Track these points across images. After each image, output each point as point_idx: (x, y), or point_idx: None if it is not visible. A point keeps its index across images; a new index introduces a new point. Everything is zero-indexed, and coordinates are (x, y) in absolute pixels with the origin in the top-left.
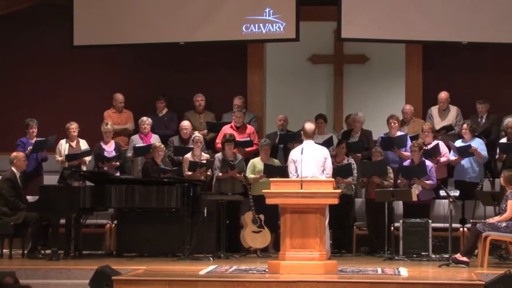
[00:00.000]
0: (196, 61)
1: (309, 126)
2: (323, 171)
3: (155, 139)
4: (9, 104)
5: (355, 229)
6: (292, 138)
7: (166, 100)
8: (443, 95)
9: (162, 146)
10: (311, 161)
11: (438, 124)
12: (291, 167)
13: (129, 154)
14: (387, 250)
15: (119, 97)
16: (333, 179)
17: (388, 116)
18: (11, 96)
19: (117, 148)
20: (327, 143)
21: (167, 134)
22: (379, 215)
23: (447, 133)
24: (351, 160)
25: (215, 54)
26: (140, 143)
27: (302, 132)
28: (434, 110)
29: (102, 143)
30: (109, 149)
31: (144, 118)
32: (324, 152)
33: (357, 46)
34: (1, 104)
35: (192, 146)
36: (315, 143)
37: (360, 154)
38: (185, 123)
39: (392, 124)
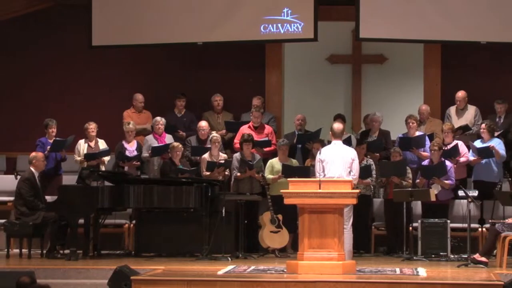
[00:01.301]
0: (214, 61)
1: (338, 126)
2: (349, 172)
3: (169, 139)
4: (28, 104)
5: (373, 229)
6: (310, 138)
7: (185, 100)
8: (460, 94)
9: (180, 146)
10: (338, 162)
11: (456, 123)
12: (318, 167)
13: (145, 154)
14: (405, 250)
15: (139, 97)
16: (351, 179)
17: (407, 116)
18: (30, 97)
19: (139, 148)
20: (345, 143)
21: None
22: (397, 215)
23: (464, 133)
24: (370, 161)
25: (233, 54)
26: (154, 143)
27: (330, 132)
28: (452, 109)
29: (124, 142)
30: (131, 148)
31: (158, 118)
32: (352, 153)
33: (375, 46)
34: (20, 104)
35: (209, 146)
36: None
37: (378, 154)
38: (203, 124)
39: (411, 124)
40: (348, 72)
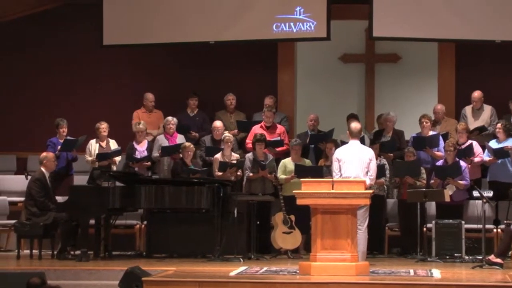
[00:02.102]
0: (226, 61)
1: (355, 125)
2: (367, 172)
3: (180, 139)
4: (39, 104)
5: (387, 230)
6: (323, 138)
7: (198, 99)
8: (476, 94)
9: (192, 146)
10: (355, 162)
11: (472, 124)
12: (335, 166)
13: (156, 154)
14: (419, 251)
15: (150, 96)
16: (364, 180)
17: (420, 115)
18: (41, 96)
19: (149, 148)
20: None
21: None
22: (411, 216)
23: (481, 134)
24: (384, 160)
25: (246, 53)
26: (165, 143)
27: (348, 131)
28: (468, 109)
29: (134, 143)
30: (141, 149)
31: (169, 118)
32: (369, 153)
33: (388, 45)
34: (31, 103)
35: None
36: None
37: (392, 154)
38: (218, 124)
39: (424, 123)
40: (361, 71)
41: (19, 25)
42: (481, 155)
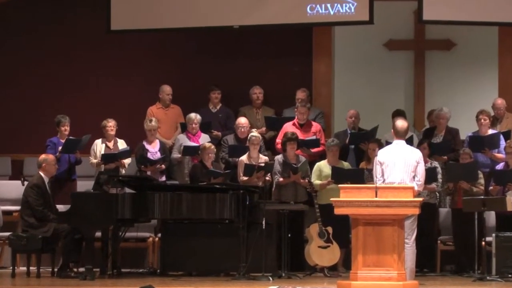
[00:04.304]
0: (253, 48)
1: (401, 123)
2: (413, 177)
3: (204, 139)
4: (37, 98)
5: (439, 244)
6: (365, 138)
7: (220, 92)
8: None
9: (213, 147)
10: (400, 165)
11: None
12: (377, 170)
13: (176, 155)
14: (477, 269)
15: (167, 88)
16: (414, 186)
17: (478, 111)
18: (40, 90)
19: (162, 149)
20: (407, 144)
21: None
22: (467, 228)
23: None
24: (435, 163)
25: (275, 40)
26: (187, 144)
27: (392, 130)
28: None
29: (145, 143)
30: (153, 149)
31: (192, 115)
32: (417, 155)
33: (441, 30)
34: (28, 98)
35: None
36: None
37: (445, 157)
38: (242, 120)
39: (482, 121)
40: (410, 60)
41: (11, 10)
42: None
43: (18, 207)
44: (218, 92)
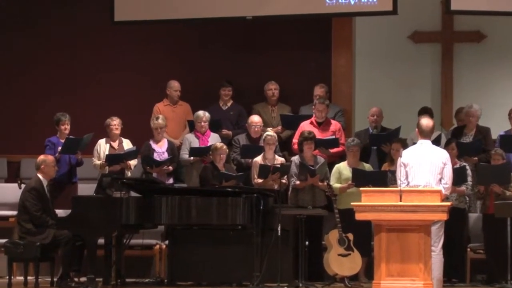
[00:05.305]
0: (267, 41)
1: (427, 122)
2: (440, 179)
3: (214, 139)
4: (35, 95)
5: (469, 251)
6: (388, 138)
7: (232, 89)
8: None
9: (225, 147)
10: (425, 166)
11: None
12: (400, 172)
13: (185, 156)
14: (510, 279)
15: (175, 84)
16: (441, 189)
17: (510, 109)
18: (37, 85)
19: (170, 149)
20: (433, 144)
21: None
22: (499, 235)
23: None
24: (465, 165)
25: (291, 32)
26: (196, 144)
27: (417, 129)
28: None
29: (151, 142)
30: (160, 149)
31: (201, 113)
32: (444, 156)
33: (470, 20)
34: (25, 94)
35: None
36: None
37: (475, 158)
38: (255, 119)
39: None
40: (437, 54)
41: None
42: None
43: (14, 212)
44: (228, 89)
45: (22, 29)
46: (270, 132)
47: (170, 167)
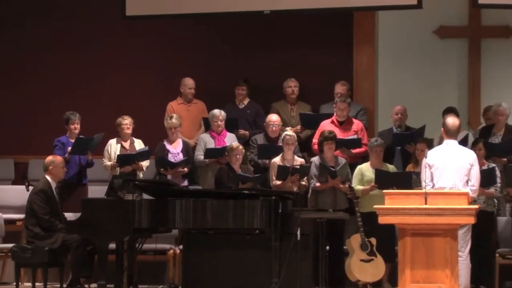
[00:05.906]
0: (286, 37)
1: (453, 121)
2: (467, 181)
3: (230, 139)
4: (43, 94)
5: (497, 257)
6: (412, 138)
7: (248, 87)
8: None
9: (241, 147)
10: (451, 168)
11: None
12: (425, 174)
13: (200, 156)
14: None
15: (189, 82)
16: (468, 191)
17: None
18: (46, 84)
19: (185, 149)
20: (460, 144)
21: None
22: None
23: None
24: (494, 166)
25: (311, 27)
26: (211, 145)
27: (442, 129)
28: None
29: (165, 142)
30: (175, 150)
31: (216, 112)
32: (471, 156)
33: (499, 15)
34: (33, 93)
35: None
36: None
37: (505, 159)
38: (274, 118)
39: None
40: (463, 50)
41: None
42: None
43: (22, 216)
44: (242, 88)
45: (31, 28)
46: (289, 131)
47: (186, 169)
